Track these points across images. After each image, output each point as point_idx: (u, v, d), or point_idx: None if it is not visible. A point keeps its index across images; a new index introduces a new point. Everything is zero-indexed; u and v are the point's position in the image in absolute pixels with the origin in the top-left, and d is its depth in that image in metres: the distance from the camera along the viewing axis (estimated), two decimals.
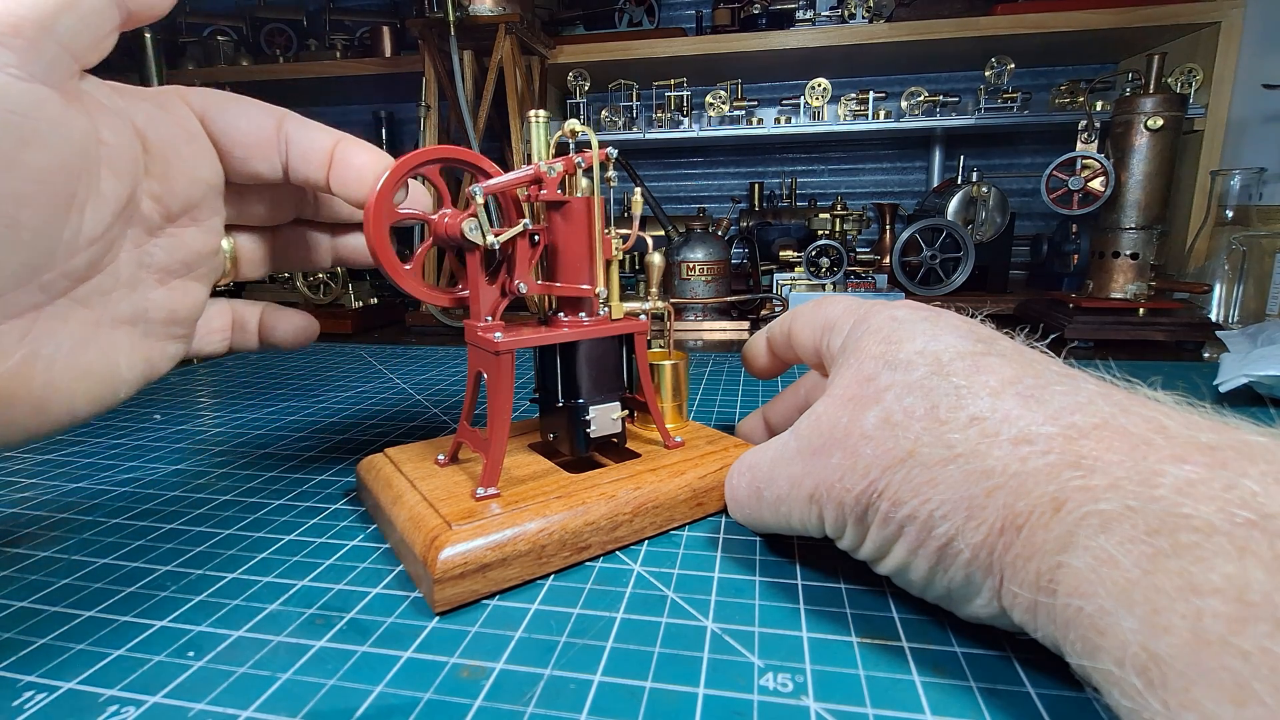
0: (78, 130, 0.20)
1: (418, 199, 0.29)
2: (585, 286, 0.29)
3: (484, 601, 0.24)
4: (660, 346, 0.38)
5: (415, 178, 0.27)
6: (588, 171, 0.28)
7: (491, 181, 0.27)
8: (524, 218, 0.28)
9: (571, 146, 0.29)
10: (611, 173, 0.29)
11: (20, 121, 0.18)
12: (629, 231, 0.30)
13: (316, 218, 0.30)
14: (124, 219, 0.23)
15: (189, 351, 0.27)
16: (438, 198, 0.30)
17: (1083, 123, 0.69)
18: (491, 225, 0.27)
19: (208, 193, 0.25)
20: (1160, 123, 0.66)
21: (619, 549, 0.27)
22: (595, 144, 0.28)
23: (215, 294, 0.28)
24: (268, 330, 0.30)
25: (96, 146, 0.21)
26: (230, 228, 0.28)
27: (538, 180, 0.28)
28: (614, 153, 0.29)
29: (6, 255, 0.19)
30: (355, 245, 0.31)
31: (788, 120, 1.04)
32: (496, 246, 0.27)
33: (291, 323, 0.31)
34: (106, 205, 0.21)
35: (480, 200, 0.26)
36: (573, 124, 0.28)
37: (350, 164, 0.25)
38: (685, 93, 1.04)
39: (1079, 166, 0.69)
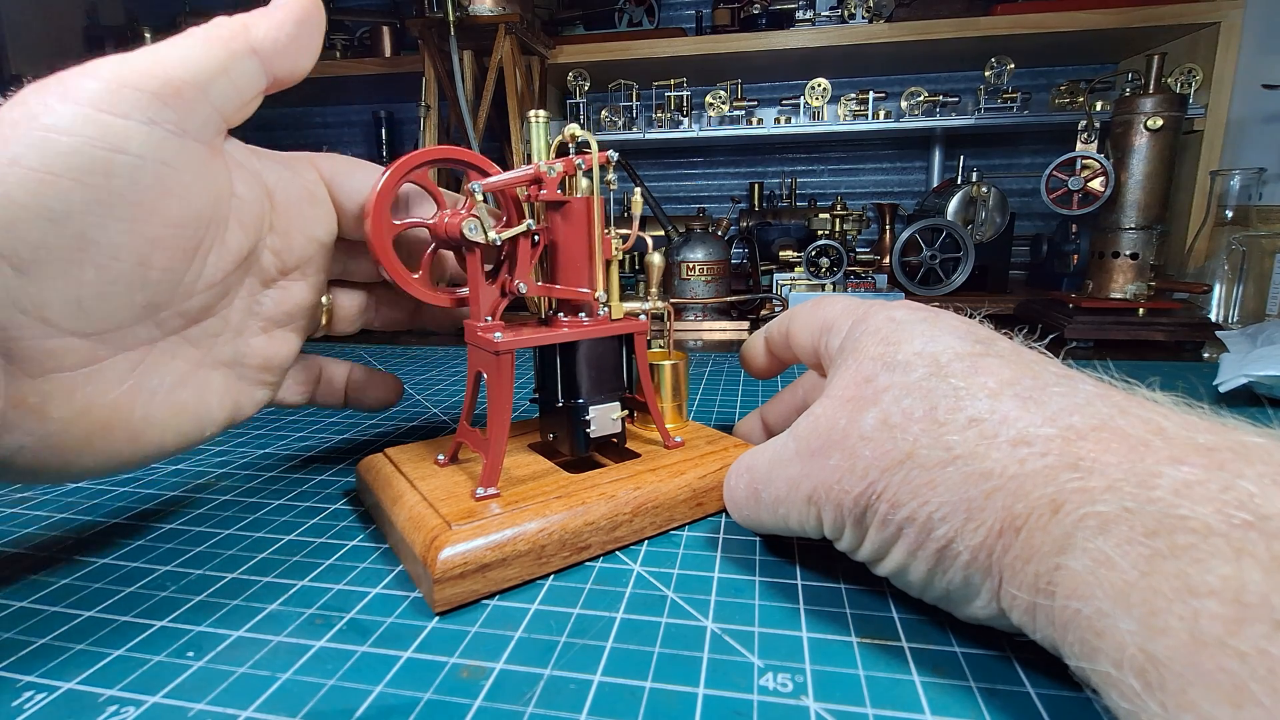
0: (215, 184, 0.22)
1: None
2: (584, 290, 0.29)
3: (484, 601, 0.24)
4: (660, 346, 0.38)
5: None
6: (588, 173, 0.28)
7: (490, 179, 0.27)
8: (526, 218, 0.28)
9: (571, 149, 0.29)
10: (612, 175, 0.29)
11: (168, 173, 0.20)
12: (629, 231, 0.30)
13: None
14: (244, 268, 0.24)
15: (273, 400, 0.29)
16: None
17: (1082, 123, 0.69)
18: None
19: (319, 250, 0.27)
20: (1160, 123, 0.66)
21: (619, 549, 0.27)
22: (595, 147, 0.28)
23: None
24: (356, 390, 0.33)
25: (229, 200, 0.23)
26: (331, 284, 0.30)
27: (537, 180, 0.28)
28: (614, 155, 0.29)
29: (133, 292, 0.20)
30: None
31: (788, 120, 1.04)
32: (499, 242, 0.27)
33: (384, 386, 0.34)
34: (229, 254, 0.23)
35: (479, 197, 0.26)
36: (573, 128, 0.28)
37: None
38: (685, 93, 1.04)
39: (1079, 166, 0.69)
